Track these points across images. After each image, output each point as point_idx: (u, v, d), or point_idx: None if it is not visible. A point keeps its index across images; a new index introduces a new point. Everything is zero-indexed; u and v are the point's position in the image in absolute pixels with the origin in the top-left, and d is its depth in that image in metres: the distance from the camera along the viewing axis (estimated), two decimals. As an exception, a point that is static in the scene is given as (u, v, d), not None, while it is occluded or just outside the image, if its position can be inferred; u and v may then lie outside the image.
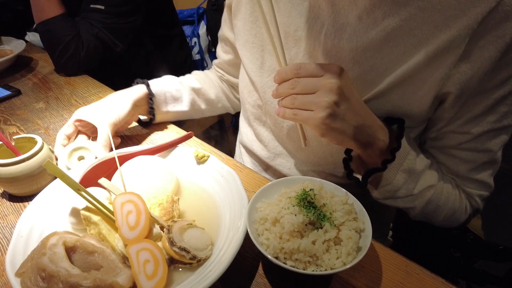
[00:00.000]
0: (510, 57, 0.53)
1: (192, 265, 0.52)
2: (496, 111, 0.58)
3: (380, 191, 0.65)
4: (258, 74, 0.75)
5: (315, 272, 0.48)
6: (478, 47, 0.53)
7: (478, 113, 0.59)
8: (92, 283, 0.44)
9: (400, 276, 0.55)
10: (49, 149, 0.72)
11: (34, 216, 0.59)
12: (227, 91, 1.04)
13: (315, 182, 0.59)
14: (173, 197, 0.61)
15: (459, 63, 0.55)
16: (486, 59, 0.53)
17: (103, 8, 1.19)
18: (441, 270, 0.61)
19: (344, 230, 0.51)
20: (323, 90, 0.51)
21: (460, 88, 0.56)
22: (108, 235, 0.53)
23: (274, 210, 0.54)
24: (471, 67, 0.54)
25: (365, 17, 0.58)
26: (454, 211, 0.68)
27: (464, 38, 0.53)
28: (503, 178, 2.00)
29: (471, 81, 0.55)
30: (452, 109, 0.60)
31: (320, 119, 0.51)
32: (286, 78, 0.54)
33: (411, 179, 0.62)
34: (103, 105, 0.80)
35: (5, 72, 1.25)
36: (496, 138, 0.61)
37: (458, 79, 0.56)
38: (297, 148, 0.78)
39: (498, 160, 0.65)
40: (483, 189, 0.69)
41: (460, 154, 0.65)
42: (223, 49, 0.97)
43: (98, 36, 1.20)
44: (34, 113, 1.01)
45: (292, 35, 0.66)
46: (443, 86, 0.57)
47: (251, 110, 0.84)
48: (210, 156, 0.71)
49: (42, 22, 1.16)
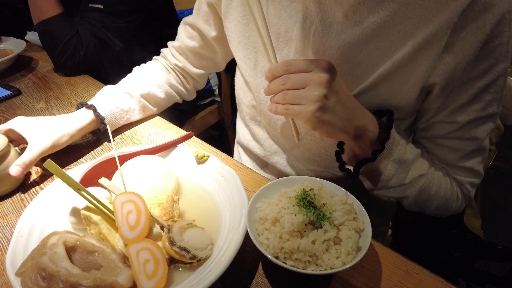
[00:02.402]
0: (491, 47, 0.55)
1: (192, 265, 0.52)
2: (481, 100, 0.61)
3: (372, 182, 0.66)
4: (252, 75, 0.77)
5: (315, 272, 0.48)
6: (459, 39, 0.55)
7: (464, 102, 0.61)
8: (92, 283, 0.44)
9: (400, 276, 0.55)
10: (15, 150, 0.72)
11: (34, 215, 0.59)
12: (174, 82, 0.98)
13: (315, 182, 0.60)
14: (173, 197, 0.61)
15: (442, 54, 0.57)
16: (468, 49, 0.55)
17: (102, 7, 1.19)
18: (441, 270, 0.61)
19: (344, 230, 0.51)
20: (312, 85, 0.53)
21: (445, 79, 0.59)
22: (108, 235, 0.53)
23: (274, 210, 0.54)
24: (454, 58, 0.57)
25: (351, 15, 0.60)
26: (446, 199, 0.70)
27: (446, 30, 0.55)
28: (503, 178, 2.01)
29: (455, 72, 0.58)
30: (438, 100, 0.62)
31: (311, 112, 0.53)
32: (277, 75, 0.56)
33: (402, 168, 0.64)
34: (45, 124, 0.75)
35: (5, 72, 1.24)
36: (482, 126, 0.64)
37: (442, 70, 0.58)
38: (292, 145, 0.79)
39: (485, 148, 0.67)
40: (473, 176, 0.70)
41: (449, 143, 0.67)
42: (188, 34, 0.93)
43: (98, 35, 1.20)
44: (34, 113, 1.01)
45: (283, 36, 0.68)
46: (428, 77, 0.59)
47: (246, 110, 0.85)
48: (210, 156, 0.71)
49: (41, 22, 1.16)
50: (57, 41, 1.16)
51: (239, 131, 0.95)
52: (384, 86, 0.62)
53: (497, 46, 0.55)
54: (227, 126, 1.86)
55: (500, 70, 0.58)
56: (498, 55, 0.56)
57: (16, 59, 1.28)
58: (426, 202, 0.69)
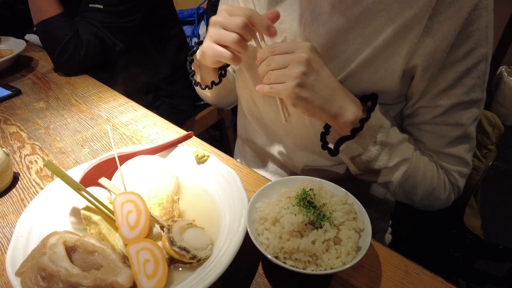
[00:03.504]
0: (469, 31, 0.58)
1: (192, 265, 0.52)
2: (463, 84, 0.62)
3: (356, 162, 0.67)
4: (250, 68, 0.79)
5: (315, 272, 0.48)
6: (438, 22, 0.58)
7: (446, 86, 0.63)
8: (92, 283, 0.44)
9: (400, 276, 0.55)
10: (3, 152, 0.72)
11: (34, 215, 0.59)
12: None
13: (315, 182, 0.60)
14: (173, 196, 0.61)
15: (422, 38, 0.60)
16: (446, 32, 0.58)
17: (102, 7, 1.19)
18: (441, 270, 0.61)
19: (344, 230, 0.51)
20: (293, 64, 0.58)
21: (426, 61, 0.61)
22: (108, 235, 0.53)
23: (274, 209, 0.54)
24: (433, 41, 0.59)
25: (338, 4, 0.64)
26: (433, 188, 0.70)
27: (424, 14, 0.58)
28: (503, 178, 2.00)
29: (435, 54, 0.60)
30: (421, 83, 0.64)
31: (290, 88, 0.57)
32: (264, 58, 0.61)
33: (385, 151, 0.65)
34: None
35: (5, 71, 1.25)
36: (466, 111, 0.65)
37: (422, 52, 0.60)
38: (285, 133, 0.81)
39: (471, 136, 0.68)
40: (460, 164, 0.71)
41: (434, 129, 0.68)
42: None
43: (98, 35, 1.20)
44: (34, 113, 1.01)
45: (277, 28, 0.71)
46: (409, 60, 0.61)
47: (245, 102, 0.88)
48: (210, 156, 0.71)
49: (41, 22, 1.16)
50: (57, 41, 1.16)
51: (240, 123, 0.98)
52: (368, 71, 0.64)
53: (475, 30, 0.58)
54: (227, 126, 1.86)
55: (480, 55, 0.60)
56: (478, 39, 0.59)
57: (16, 59, 1.28)
58: (413, 190, 0.70)
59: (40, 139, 0.90)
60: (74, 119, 0.98)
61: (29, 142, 0.89)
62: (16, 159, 0.83)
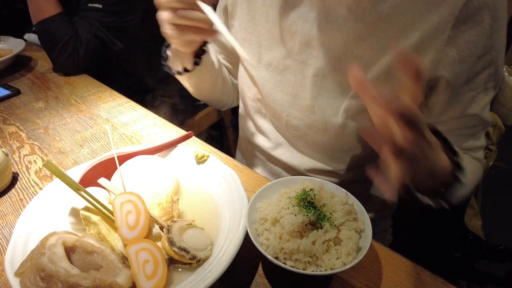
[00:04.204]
0: (492, 41, 0.57)
1: (192, 265, 0.52)
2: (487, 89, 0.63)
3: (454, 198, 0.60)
4: (256, 69, 0.79)
5: (315, 273, 0.48)
6: (460, 32, 0.57)
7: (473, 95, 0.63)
8: (91, 283, 0.44)
9: (400, 277, 0.55)
10: (2, 152, 0.72)
11: (33, 215, 0.59)
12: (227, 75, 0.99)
13: (315, 182, 0.59)
14: (173, 197, 0.60)
15: (446, 48, 0.58)
16: (468, 42, 0.57)
17: (101, 7, 1.19)
18: (441, 270, 0.61)
19: (344, 230, 0.51)
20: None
21: (451, 71, 0.60)
22: (108, 235, 0.53)
23: (274, 210, 0.54)
24: (457, 51, 0.58)
25: (355, 8, 0.61)
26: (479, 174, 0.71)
27: (447, 23, 0.56)
28: (503, 178, 2.00)
29: (460, 64, 0.59)
30: (444, 93, 0.63)
31: None
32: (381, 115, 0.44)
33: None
34: None
35: (4, 71, 1.24)
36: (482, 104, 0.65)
37: (447, 63, 0.59)
38: (296, 137, 0.81)
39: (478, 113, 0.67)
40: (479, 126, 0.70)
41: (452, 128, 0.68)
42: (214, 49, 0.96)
43: (97, 35, 1.20)
44: (33, 113, 1.01)
45: (288, 30, 0.70)
46: (434, 70, 0.60)
47: (251, 104, 0.87)
48: (210, 156, 0.71)
49: (40, 21, 1.16)
50: (56, 40, 1.15)
51: (243, 125, 0.97)
52: (386, 81, 0.62)
53: (497, 40, 0.58)
54: (227, 126, 1.86)
55: (500, 61, 0.60)
56: (499, 49, 0.59)
57: (15, 59, 1.28)
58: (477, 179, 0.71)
59: (39, 139, 0.89)
60: (73, 119, 0.98)
61: (28, 142, 0.88)
62: (15, 159, 0.82)
